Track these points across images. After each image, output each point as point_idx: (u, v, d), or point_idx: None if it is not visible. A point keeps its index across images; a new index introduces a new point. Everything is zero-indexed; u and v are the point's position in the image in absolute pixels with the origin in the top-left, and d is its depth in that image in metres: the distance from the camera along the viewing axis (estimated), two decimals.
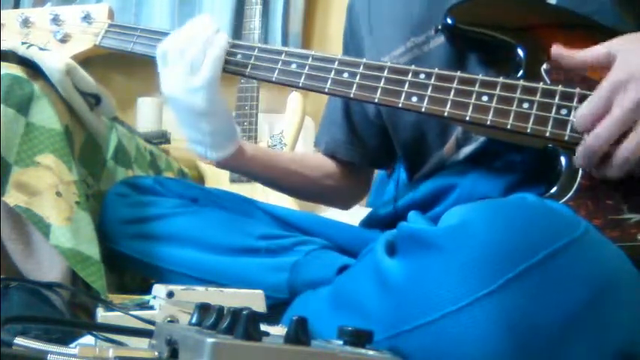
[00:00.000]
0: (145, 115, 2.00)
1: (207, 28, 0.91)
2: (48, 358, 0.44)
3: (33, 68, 0.93)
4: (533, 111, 0.78)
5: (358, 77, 0.86)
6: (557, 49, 0.78)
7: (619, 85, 0.69)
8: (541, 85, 0.79)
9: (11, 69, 0.91)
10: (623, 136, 0.69)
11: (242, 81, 2.01)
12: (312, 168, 1.15)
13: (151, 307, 0.68)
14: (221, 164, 1.00)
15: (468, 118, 0.80)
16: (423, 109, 0.82)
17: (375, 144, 1.13)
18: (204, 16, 0.94)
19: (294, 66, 0.90)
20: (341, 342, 0.48)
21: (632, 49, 0.72)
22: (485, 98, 0.80)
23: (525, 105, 0.78)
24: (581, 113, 0.72)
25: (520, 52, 0.82)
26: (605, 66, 0.72)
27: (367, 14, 1.05)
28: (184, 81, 0.89)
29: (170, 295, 0.67)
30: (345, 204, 1.25)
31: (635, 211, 0.73)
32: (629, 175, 0.71)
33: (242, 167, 1.05)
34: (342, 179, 1.16)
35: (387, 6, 1.01)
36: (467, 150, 0.90)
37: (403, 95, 0.83)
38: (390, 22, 1.00)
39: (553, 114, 0.77)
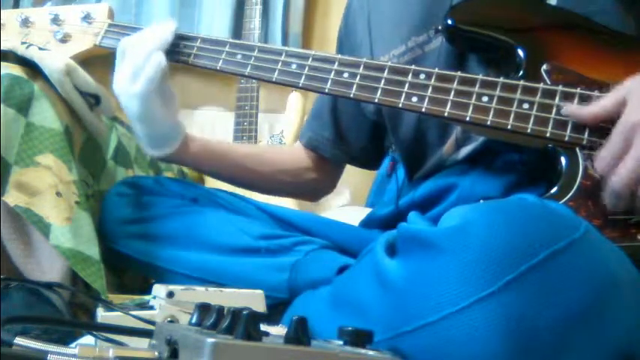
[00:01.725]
0: None
1: (157, 39, 0.93)
2: (48, 358, 0.44)
3: (33, 68, 0.93)
4: (534, 111, 0.78)
5: (358, 77, 0.86)
6: (568, 109, 0.77)
7: (635, 127, 0.69)
8: (541, 85, 0.79)
9: (11, 69, 0.91)
10: None
11: (242, 81, 2.01)
12: (269, 164, 1.15)
13: (151, 307, 0.68)
14: (162, 159, 1.04)
15: (468, 119, 0.80)
16: (424, 110, 0.82)
17: (360, 145, 1.13)
18: (167, 24, 0.96)
19: (294, 66, 0.90)
20: (341, 342, 0.48)
21: None
22: (485, 99, 0.80)
23: (525, 105, 0.78)
24: (601, 156, 0.72)
25: (520, 52, 0.82)
26: (616, 112, 0.72)
27: (366, 13, 1.05)
28: (126, 85, 0.92)
29: (170, 295, 0.67)
30: (313, 197, 1.29)
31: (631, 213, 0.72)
32: None
33: (186, 163, 1.08)
34: (315, 173, 1.17)
35: (387, 5, 1.01)
36: (466, 150, 0.90)
37: (403, 95, 0.83)
38: (390, 21, 1.00)
39: (553, 114, 0.77)
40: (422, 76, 0.83)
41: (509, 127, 0.78)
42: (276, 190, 1.21)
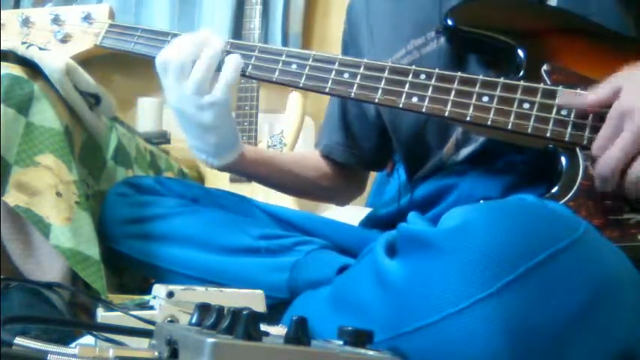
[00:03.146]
0: (145, 115, 2.00)
1: (213, 46, 0.90)
2: (48, 358, 0.44)
3: (33, 68, 0.93)
4: (534, 111, 0.78)
5: (359, 78, 0.86)
6: (565, 98, 0.78)
7: (625, 112, 0.70)
8: (542, 85, 0.79)
9: (11, 69, 0.91)
10: (633, 159, 0.70)
11: (242, 81, 2.01)
12: (311, 169, 1.16)
13: (151, 307, 0.68)
14: (221, 168, 1.01)
15: (468, 118, 0.80)
16: (424, 109, 0.82)
17: (369, 146, 1.13)
18: (207, 32, 0.93)
19: (294, 66, 0.90)
20: (341, 342, 0.48)
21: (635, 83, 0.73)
22: (485, 99, 0.80)
23: (526, 105, 0.78)
24: (595, 142, 0.73)
25: (520, 52, 0.82)
26: (611, 100, 0.73)
27: (367, 17, 1.06)
28: (192, 98, 0.89)
29: (170, 295, 0.67)
30: (341, 202, 1.28)
31: (635, 212, 0.73)
32: None
33: (242, 170, 1.07)
34: (337, 179, 1.18)
35: (386, 8, 1.02)
36: (467, 151, 0.90)
37: (404, 95, 0.83)
38: (390, 24, 1.00)
39: (554, 114, 0.77)
40: (422, 76, 0.83)
41: (509, 126, 0.78)
42: (318, 195, 1.22)
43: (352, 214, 1.27)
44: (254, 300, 0.71)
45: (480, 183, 0.87)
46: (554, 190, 0.75)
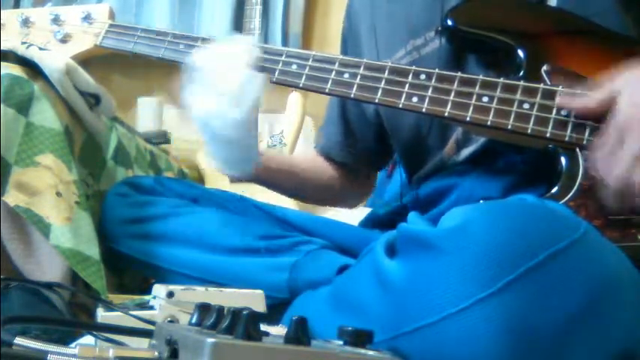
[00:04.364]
0: (145, 115, 2.00)
1: (251, 57, 0.89)
2: (48, 358, 0.44)
3: (33, 68, 0.93)
4: (534, 112, 0.78)
5: (359, 78, 0.86)
6: (563, 99, 0.77)
7: (626, 124, 0.69)
8: (542, 86, 0.79)
9: (11, 69, 0.91)
10: None
11: None
12: (322, 172, 1.15)
13: (151, 307, 0.68)
14: (239, 179, 1.00)
15: (468, 119, 0.80)
16: (424, 110, 0.82)
17: (369, 145, 1.13)
18: (246, 39, 0.92)
19: (294, 66, 0.90)
20: (341, 342, 0.48)
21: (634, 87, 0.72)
22: (485, 99, 0.80)
23: (526, 106, 0.78)
24: (594, 154, 0.72)
25: (520, 53, 0.82)
26: (608, 104, 0.72)
27: (368, 17, 1.06)
28: (222, 111, 0.86)
29: (170, 295, 0.67)
30: (352, 205, 1.26)
31: (635, 212, 0.72)
32: None
33: (260, 180, 1.06)
34: (342, 181, 1.17)
35: (387, 9, 1.02)
36: (467, 151, 0.90)
37: (404, 96, 0.83)
38: (390, 25, 1.00)
39: (554, 115, 0.77)
40: (422, 76, 0.83)
41: (509, 127, 0.78)
42: (332, 199, 1.21)
43: (352, 214, 1.27)
44: (254, 300, 0.71)
45: (480, 183, 0.87)
46: (554, 190, 0.75)
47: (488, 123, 0.79)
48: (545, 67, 0.80)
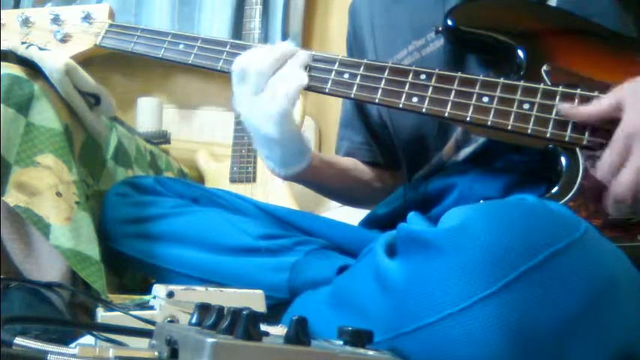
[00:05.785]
0: (145, 115, 2.00)
1: (300, 59, 0.89)
2: (48, 358, 0.44)
3: (33, 68, 0.93)
4: (534, 112, 0.78)
5: (359, 78, 0.86)
6: (566, 108, 0.77)
7: (634, 134, 0.69)
8: (542, 86, 0.79)
9: (11, 69, 0.91)
10: None
11: None
12: (361, 171, 1.14)
13: (151, 307, 0.68)
14: (289, 178, 1.00)
15: (468, 119, 0.80)
16: (424, 110, 0.82)
17: (386, 144, 1.12)
18: (289, 44, 0.92)
19: None
20: (341, 342, 0.48)
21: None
22: (485, 99, 0.80)
23: (526, 106, 0.78)
24: (601, 163, 0.72)
25: (520, 53, 0.82)
26: (613, 113, 0.72)
27: (368, 18, 1.06)
28: (263, 109, 0.88)
29: (170, 295, 0.67)
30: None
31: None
32: None
33: (308, 181, 1.05)
34: (381, 179, 1.16)
35: (388, 10, 1.02)
36: (467, 151, 0.90)
37: (404, 96, 0.83)
38: (392, 26, 1.00)
39: (554, 115, 0.77)
40: (422, 76, 0.83)
41: (509, 127, 0.78)
42: (372, 199, 1.17)
43: (352, 214, 1.27)
44: (254, 300, 0.71)
45: (480, 183, 0.87)
46: (554, 190, 0.75)
47: (489, 123, 0.79)
48: (545, 67, 0.80)
